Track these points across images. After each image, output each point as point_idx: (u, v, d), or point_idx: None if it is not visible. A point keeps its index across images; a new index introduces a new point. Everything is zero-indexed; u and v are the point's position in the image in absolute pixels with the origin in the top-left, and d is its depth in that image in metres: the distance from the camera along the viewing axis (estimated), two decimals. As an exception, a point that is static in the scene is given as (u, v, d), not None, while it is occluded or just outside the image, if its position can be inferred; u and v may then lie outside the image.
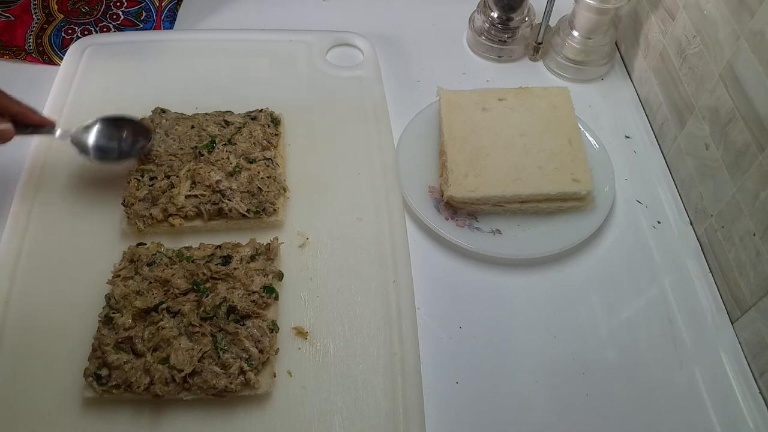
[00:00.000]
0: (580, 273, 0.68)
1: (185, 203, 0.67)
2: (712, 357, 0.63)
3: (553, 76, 0.86)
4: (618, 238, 0.71)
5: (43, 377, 0.59)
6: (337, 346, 0.61)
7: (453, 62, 0.87)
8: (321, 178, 0.73)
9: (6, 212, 0.69)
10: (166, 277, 0.61)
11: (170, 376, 0.56)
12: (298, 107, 0.78)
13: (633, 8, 0.84)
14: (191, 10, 0.92)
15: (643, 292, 0.67)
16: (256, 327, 0.59)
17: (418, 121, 0.77)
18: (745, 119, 0.61)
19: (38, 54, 0.85)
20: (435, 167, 0.74)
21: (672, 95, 0.75)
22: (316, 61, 0.84)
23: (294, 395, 0.58)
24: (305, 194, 0.71)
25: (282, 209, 0.69)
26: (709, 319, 0.65)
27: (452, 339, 0.63)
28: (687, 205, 0.73)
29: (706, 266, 0.69)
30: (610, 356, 0.63)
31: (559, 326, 0.64)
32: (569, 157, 0.71)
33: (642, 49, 0.83)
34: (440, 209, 0.70)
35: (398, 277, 0.65)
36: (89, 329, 0.59)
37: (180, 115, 0.74)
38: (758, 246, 0.60)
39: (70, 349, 0.60)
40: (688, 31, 0.71)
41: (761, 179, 0.59)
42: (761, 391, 0.61)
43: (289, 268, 0.65)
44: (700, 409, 0.60)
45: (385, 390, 0.58)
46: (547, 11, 0.81)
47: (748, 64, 0.60)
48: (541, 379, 0.61)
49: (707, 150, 0.68)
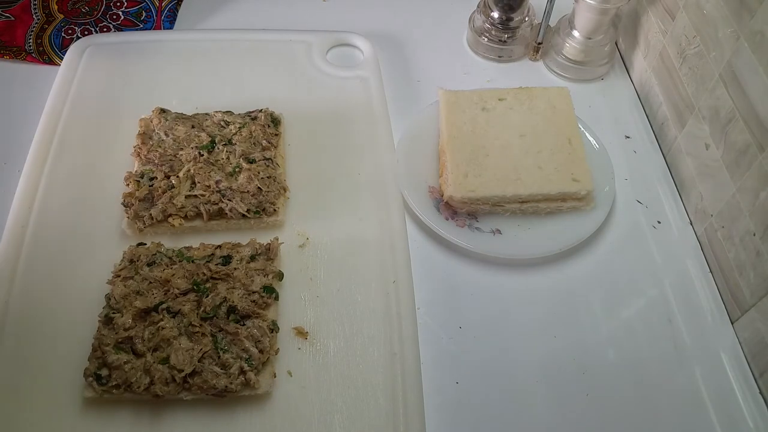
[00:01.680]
0: (580, 273, 0.68)
1: (185, 203, 0.67)
2: (712, 357, 0.63)
3: (553, 76, 0.86)
4: (618, 238, 0.71)
5: (43, 377, 0.59)
6: (337, 346, 0.61)
7: (453, 62, 0.87)
8: (321, 178, 0.73)
9: (6, 212, 0.69)
10: (166, 277, 0.61)
11: (170, 376, 0.56)
12: (298, 107, 0.78)
13: (633, 8, 0.84)
14: (191, 10, 0.92)
15: (643, 292, 0.67)
16: (256, 327, 0.59)
17: (418, 121, 0.77)
18: (745, 119, 0.61)
19: (38, 54, 0.85)
20: (435, 167, 0.74)
21: (672, 95, 0.75)
22: (316, 61, 0.84)
23: (294, 395, 0.58)
24: (305, 194, 0.71)
25: (282, 209, 0.69)
26: (709, 319, 0.65)
27: (452, 339, 0.63)
28: (687, 205, 0.73)
29: (706, 266, 0.69)
30: (610, 356, 0.63)
31: (559, 326, 0.64)
32: (569, 157, 0.71)
33: (642, 49, 0.83)
34: (440, 209, 0.70)
35: (398, 277, 0.65)
36: (89, 329, 0.59)
37: (180, 115, 0.74)
38: (758, 246, 0.60)
39: (70, 349, 0.60)
40: (688, 31, 0.71)
41: (761, 179, 0.59)
42: (761, 391, 0.61)
43: (289, 268, 0.65)
44: (700, 409, 0.60)
45: (385, 390, 0.58)
46: (547, 11, 0.81)
47: (748, 64, 0.60)
48: (541, 379, 0.61)
49: (707, 150, 0.68)
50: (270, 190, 0.68)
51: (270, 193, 0.68)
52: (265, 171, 0.69)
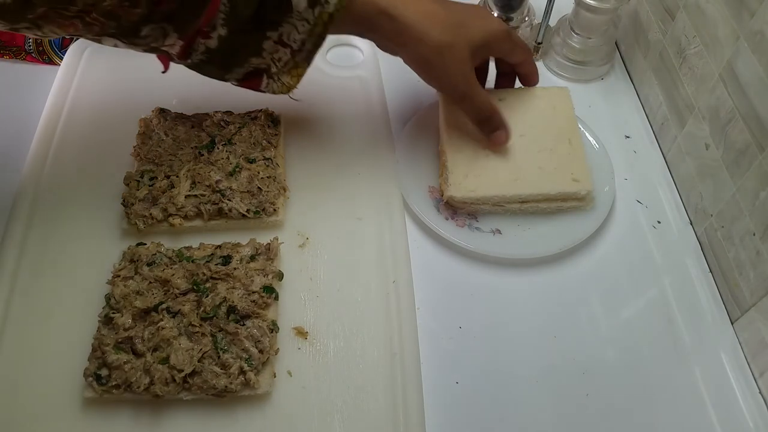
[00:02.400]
0: (580, 273, 0.68)
1: (185, 203, 0.67)
2: (712, 357, 0.63)
3: (553, 76, 0.86)
4: (618, 238, 0.71)
5: (43, 377, 0.59)
6: (337, 346, 0.61)
7: (453, 62, 0.87)
8: (321, 178, 0.73)
9: (6, 212, 0.69)
10: (166, 277, 0.61)
11: (170, 376, 0.56)
12: (298, 107, 0.78)
13: (633, 8, 0.84)
14: (191, 10, 0.92)
15: (643, 292, 0.67)
16: (256, 327, 0.59)
17: (418, 121, 0.77)
18: (745, 119, 0.61)
19: (38, 54, 0.85)
20: (435, 167, 0.74)
21: (672, 95, 0.75)
22: (316, 61, 0.83)
23: (294, 395, 0.58)
24: (305, 194, 0.71)
25: (282, 209, 0.69)
26: (709, 319, 0.65)
27: (452, 339, 0.63)
28: (687, 205, 0.73)
29: (706, 266, 0.69)
30: (610, 356, 0.63)
31: (559, 326, 0.64)
32: (569, 157, 0.71)
33: (642, 49, 0.83)
34: (440, 209, 0.70)
35: (398, 277, 0.65)
36: (89, 329, 0.59)
37: (180, 115, 0.74)
38: (758, 246, 0.60)
39: (70, 349, 0.60)
40: (688, 31, 0.71)
41: (761, 179, 0.59)
42: (761, 391, 0.61)
43: (289, 268, 0.65)
44: (700, 409, 0.60)
45: (385, 390, 0.58)
46: (547, 11, 0.81)
47: (748, 64, 0.60)
48: (541, 379, 0.61)
49: (707, 150, 0.68)
50: (270, 190, 0.68)
51: (270, 193, 0.68)
52: (265, 171, 0.69)
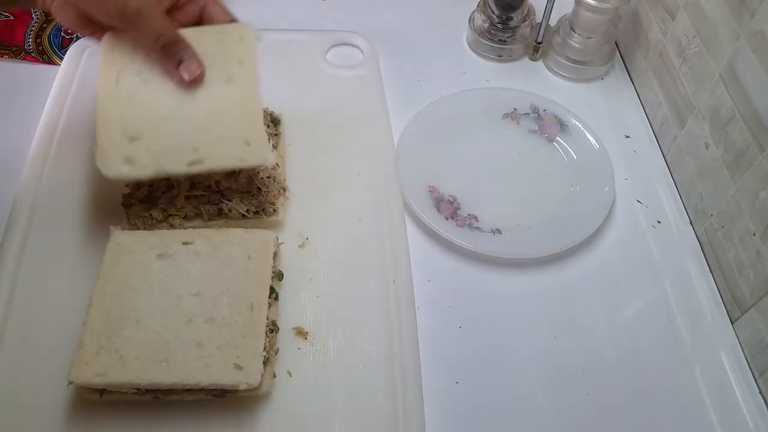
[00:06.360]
0: (580, 273, 0.68)
1: (185, 203, 0.67)
2: (712, 357, 0.63)
3: (553, 76, 0.86)
4: (618, 238, 0.71)
5: (43, 377, 0.59)
6: (337, 346, 0.61)
7: (453, 62, 0.87)
8: (321, 178, 0.73)
9: (6, 212, 0.69)
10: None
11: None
12: (298, 107, 0.78)
13: (633, 8, 0.84)
14: (191, 9, 0.92)
15: (643, 292, 0.67)
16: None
17: (418, 121, 0.77)
18: (745, 119, 0.61)
19: (38, 54, 0.85)
20: (435, 167, 0.74)
21: (672, 95, 0.75)
22: (316, 60, 0.84)
23: (294, 395, 0.58)
24: (305, 194, 0.71)
25: (282, 209, 0.69)
26: (709, 319, 0.65)
27: (452, 339, 0.63)
28: (687, 205, 0.73)
29: (706, 266, 0.69)
30: (610, 356, 0.63)
31: (558, 326, 0.64)
32: (243, 330, 0.56)
33: (642, 49, 0.83)
34: (440, 209, 0.70)
35: (398, 277, 0.65)
36: (89, 329, 0.59)
37: (180, 115, 0.74)
38: (758, 246, 0.60)
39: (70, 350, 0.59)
40: (688, 31, 0.71)
41: (761, 179, 0.59)
42: (761, 391, 0.61)
43: (289, 268, 0.65)
44: (700, 409, 0.60)
45: (385, 390, 0.58)
46: (547, 11, 0.81)
47: (748, 64, 0.60)
48: (541, 379, 0.61)
49: (707, 150, 0.68)
50: (270, 190, 0.68)
51: (270, 193, 0.68)
52: (265, 171, 0.69)
